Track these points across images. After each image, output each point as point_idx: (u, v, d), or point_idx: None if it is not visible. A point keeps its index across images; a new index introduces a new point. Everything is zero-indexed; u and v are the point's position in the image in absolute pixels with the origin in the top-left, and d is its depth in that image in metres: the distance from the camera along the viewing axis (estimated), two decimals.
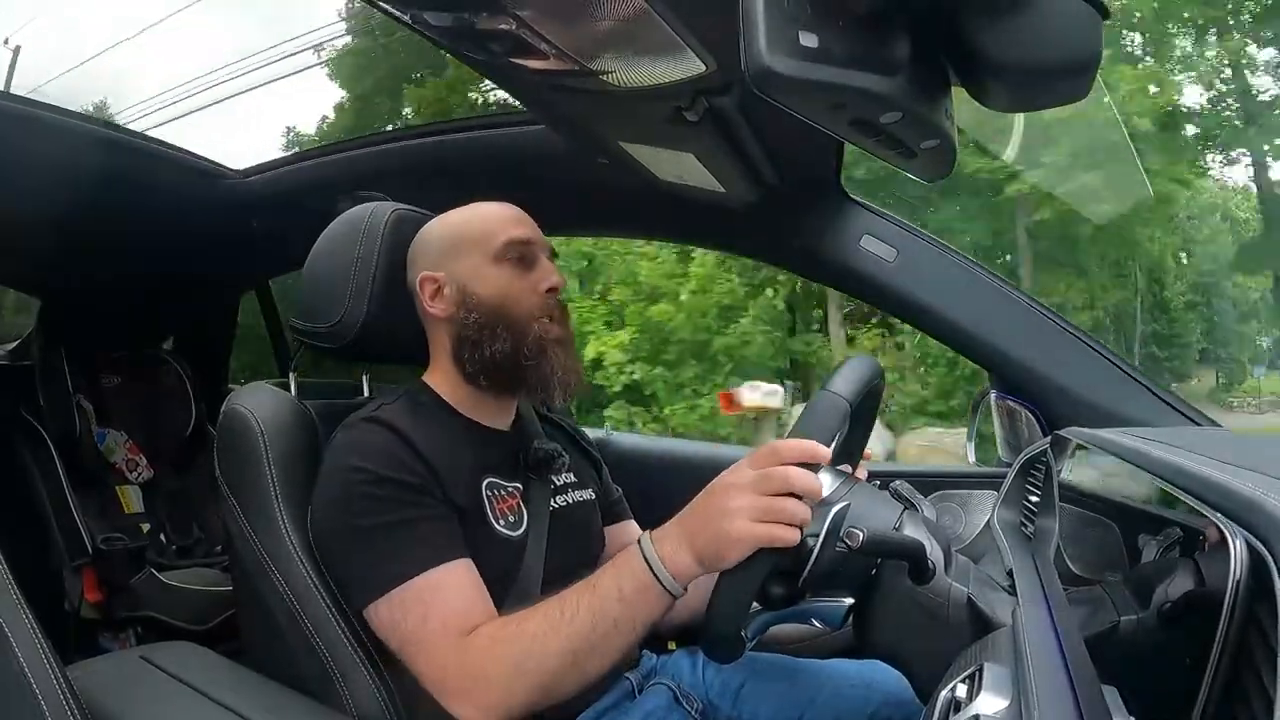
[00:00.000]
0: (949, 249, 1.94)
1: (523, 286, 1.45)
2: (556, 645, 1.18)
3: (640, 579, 1.17)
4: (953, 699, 0.89)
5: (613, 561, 1.23)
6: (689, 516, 1.17)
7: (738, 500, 1.10)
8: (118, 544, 2.78)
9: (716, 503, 1.12)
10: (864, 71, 0.94)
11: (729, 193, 1.81)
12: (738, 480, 1.12)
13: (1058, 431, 1.52)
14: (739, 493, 1.10)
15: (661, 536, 1.19)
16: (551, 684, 1.20)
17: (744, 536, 1.08)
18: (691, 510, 1.17)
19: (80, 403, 2.93)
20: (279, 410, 1.45)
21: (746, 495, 1.10)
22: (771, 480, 1.09)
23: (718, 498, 1.13)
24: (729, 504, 1.10)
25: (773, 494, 1.09)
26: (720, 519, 1.11)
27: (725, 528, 1.10)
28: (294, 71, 14.64)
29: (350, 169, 2.33)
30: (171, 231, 2.67)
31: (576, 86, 1.34)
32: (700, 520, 1.14)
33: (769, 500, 1.08)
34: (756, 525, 1.08)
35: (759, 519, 1.08)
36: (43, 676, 0.95)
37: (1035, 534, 1.40)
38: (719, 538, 1.11)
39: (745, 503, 1.09)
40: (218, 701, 1.18)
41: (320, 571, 1.34)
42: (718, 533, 1.11)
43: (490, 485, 1.43)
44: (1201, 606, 0.78)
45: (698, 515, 1.15)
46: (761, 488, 1.09)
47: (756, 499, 1.09)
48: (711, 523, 1.12)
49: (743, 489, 1.10)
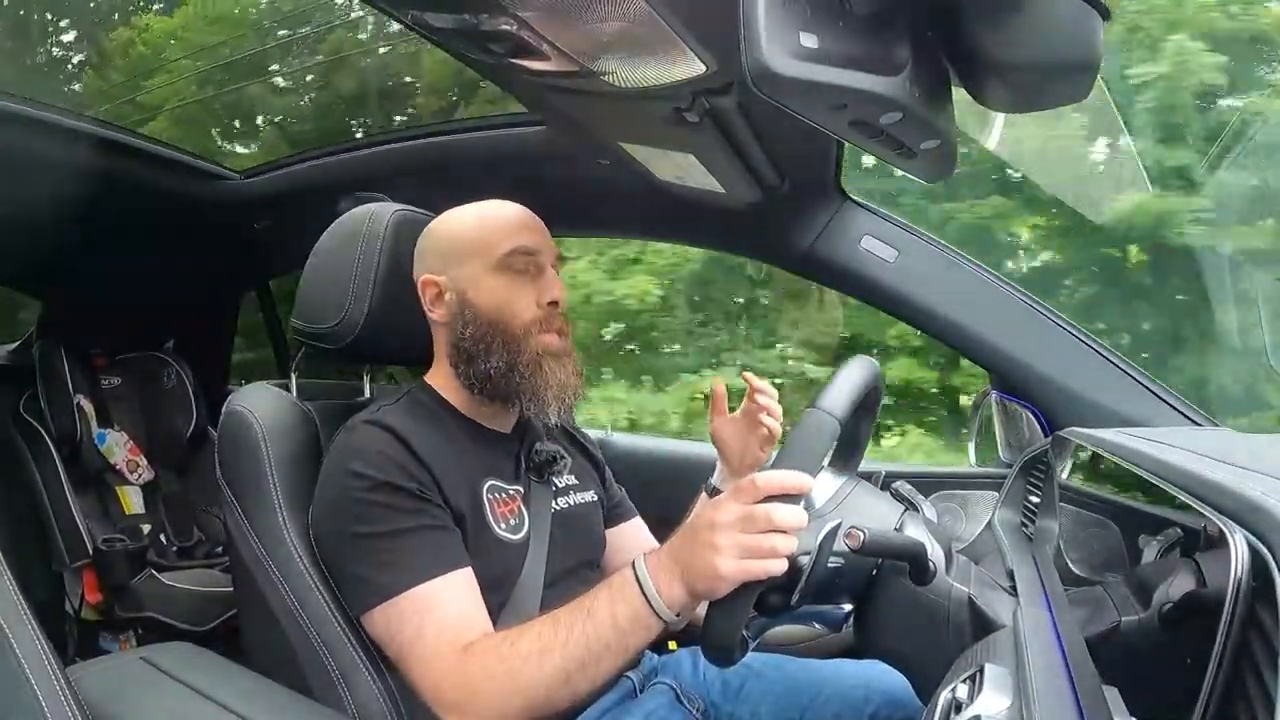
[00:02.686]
0: (949, 249, 1.95)
1: (523, 298, 1.44)
2: (550, 666, 1.19)
3: (635, 608, 1.18)
4: (954, 699, 0.89)
5: (608, 584, 1.23)
6: (680, 547, 1.17)
7: (723, 538, 1.10)
8: (118, 545, 2.78)
9: (704, 538, 1.13)
10: (864, 72, 0.93)
11: (729, 193, 1.81)
12: (722, 517, 1.12)
13: (1058, 432, 1.52)
14: (724, 531, 1.11)
15: (656, 566, 1.19)
16: (543, 702, 1.20)
17: (729, 575, 1.09)
18: (681, 541, 1.18)
19: (81, 404, 2.93)
20: (280, 411, 1.45)
21: (730, 533, 1.10)
22: (755, 519, 1.09)
23: (705, 534, 1.13)
24: (715, 541, 1.11)
25: (756, 532, 1.09)
26: (708, 555, 1.11)
27: (713, 565, 1.10)
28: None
29: (351, 170, 2.33)
30: (172, 232, 2.68)
31: (577, 87, 1.34)
32: (689, 553, 1.15)
33: (753, 538, 1.09)
34: (741, 563, 1.09)
35: (743, 557, 1.09)
36: (43, 677, 0.94)
37: (1036, 534, 1.40)
38: (707, 574, 1.11)
39: (730, 541, 1.10)
40: (218, 702, 1.18)
41: (321, 572, 1.34)
42: (705, 569, 1.11)
43: (491, 488, 1.43)
44: (1202, 607, 0.78)
45: (687, 548, 1.16)
46: (745, 526, 1.10)
47: (740, 537, 1.09)
48: (699, 558, 1.12)
49: (727, 527, 1.11)
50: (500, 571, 1.37)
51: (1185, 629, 0.85)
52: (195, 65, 7.12)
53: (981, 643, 1.06)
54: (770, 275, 4.92)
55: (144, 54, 7.43)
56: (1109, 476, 1.38)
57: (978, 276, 1.92)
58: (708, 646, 1.14)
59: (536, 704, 1.20)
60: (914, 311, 1.95)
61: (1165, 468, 1.01)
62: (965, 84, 1.06)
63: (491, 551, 1.37)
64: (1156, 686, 0.88)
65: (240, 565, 1.41)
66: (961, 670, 0.96)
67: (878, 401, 1.40)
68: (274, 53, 7.28)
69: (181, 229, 2.66)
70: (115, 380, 3.10)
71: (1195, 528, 0.96)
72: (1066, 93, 1.03)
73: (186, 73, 7.12)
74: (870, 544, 1.11)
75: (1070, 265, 4.40)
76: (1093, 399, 1.82)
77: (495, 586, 1.35)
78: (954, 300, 1.91)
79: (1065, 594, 1.14)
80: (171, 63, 7.28)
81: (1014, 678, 0.88)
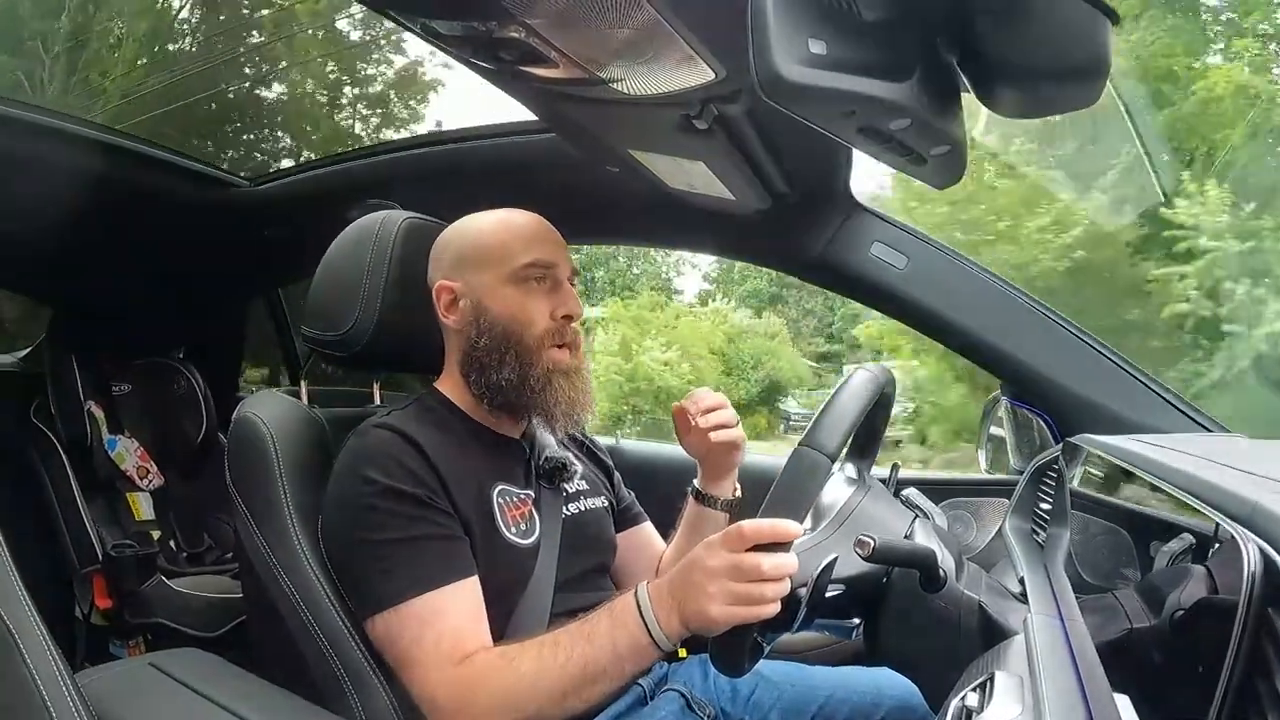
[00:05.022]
0: (960, 256, 1.94)
1: (538, 310, 1.45)
2: (546, 686, 1.20)
3: (636, 638, 1.19)
4: (964, 707, 0.89)
5: (610, 610, 1.23)
6: (677, 583, 1.18)
7: (712, 586, 1.11)
8: (128, 551, 2.78)
9: (695, 580, 1.14)
10: (874, 78, 0.94)
11: (738, 200, 1.80)
12: (711, 564, 1.13)
13: (1069, 439, 1.52)
14: (713, 578, 1.11)
15: (658, 596, 1.20)
16: (538, 719, 1.22)
17: (719, 619, 1.10)
18: (679, 576, 1.18)
19: (91, 410, 2.94)
20: (290, 418, 1.46)
21: (720, 580, 1.11)
22: (742, 569, 1.10)
23: (696, 576, 1.14)
24: (705, 586, 1.12)
25: (746, 581, 1.10)
26: (698, 599, 1.12)
27: (704, 609, 1.11)
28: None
29: (361, 177, 2.33)
30: (183, 240, 2.68)
31: (586, 94, 1.34)
32: (684, 593, 1.16)
33: (742, 587, 1.10)
34: (731, 609, 1.10)
35: (734, 604, 1.10)
36: (52, 683, 0.95)
37: (1047, 542, 1.40)
38: (701, 616, 1.12)
39: (718, 588, 1.11)
40: (227, 709, 1.18)
41: (330, 578, 1.34)
42: (699, 611, 1.12)
43: (502, 492, 1.43)
44: (1214, 614, 0.78)
45: (681, 587, 1.17)
46: (733, 575, 1.10)
47: (729, 585, 1.10)
48: (691, 600, 1.14)
49: (716, 574, 1.11)
50: (511, 576, 1.38)
51: (1197, 636, 0.84)
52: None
53: (992, 650, 1.06)
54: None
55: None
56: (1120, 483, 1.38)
57: (988, 283, 1.91)
58: (716, 663, 1.14)
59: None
60: (924, 318, 1.94)
61: (1176, 474, 1.01)
62: (974, 89, 1.06)
63: (502, 556, 1.37)
64: (1168, 694, 0.87)
65: (250, 571, 1.41)
66: (972, 678, 0.95)
67: (889, 407, 1.40)
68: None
69: (191, 236, 2.66)
70: (126, 387, 3.10)
71: (1207, 534, 0.96)
72: (1076, 97, 1.03)
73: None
74: (880, 552, 1.10)
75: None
76: (1104, 405, 1.81)
77: (506, 591, 1.35)
78: (964, 307, 1.90)
79: (1076, 601, 1.14)
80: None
81: (1025, 685, 0.88)
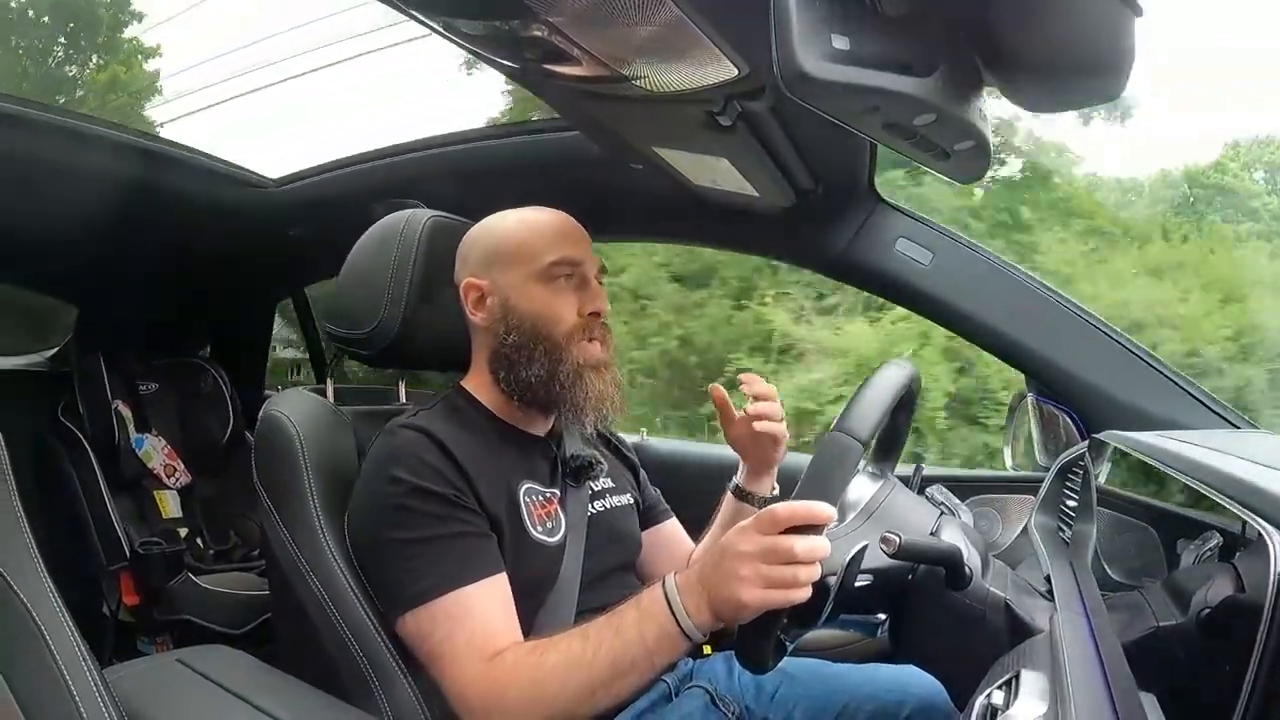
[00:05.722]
0: (985, 251, 1.93)
1: (566, 307, 1.45)
2: (576, 680, 1.20)
3: (665, 628, 1.18)
4: (990, 705, 0.89)
5: (638, 603, 1.23)
6: (707, 572, 1.17)
7: (745, 569, 1.10)
8: (155, 548, 2.81)
9: (727, 566, 1.13)
10: (897, 73, 0.93)
11: (763, 197, 1.80)
12: (744, 548, 1.12)
13: (1095, 435, 1.50)
14: (746, 562, 1.10)
15: (686, 586, 1.19)
16: (567, 715, 1.22)
17: (751, 604, 1.09)
18: (709, 564, 1.17)
19: (118, 409, 2.96)
20: (317, 416, 1.47)
21: (753, 564, 1.10)
22: (776, 552, 1.09)
23: (729, 562, 1.13)
24: (737, 570, 1.11)
25: (779, 563, 1.09)
26: (729, 584, 1.11)
27: (735, 594, 1.10)
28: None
29: (386, 176, 2.34)
30: (208, 240, 2.70)
31: (609, 92, 1.34)
32: (715, 580, 1.15)
33: (775, 570, 1.09)
34: (764, 592, 1.09)
35: (767, 587, 1.09)
36: (81, 679, 0.96)
37: (1073, 539, 1.39)
38: (732, 602, 1.11)
39: (750, 571, 1.10)
40: (254, 705, 1.19)
41: (357, 576, 1.35)
42: (730, 597, 1.11)
43: (528, 491, 1.43)
44: (1241, 612, 0.78)
45: (712, 574, 1.16)
46: (766, 558, 1.09)
47: (762, 568, 1.09)
48: (724, 586, 1.13)
49: (749, 558, 1.10)
50: (537, 574, 1.38)
51: (1224, 634, 0.84)
52: None
53: (1018, 648, 1.05)
54: None
55: None
56: (1146, 480, 1.37)
57: (1013, 278, 1.90)
58: (741, 659, 1.14)
59: (558, 716, 1.21)
60: (949, 314, 1.93)
61: (1203, 470, 1.00)
62: (998, 84, 1.05)
63: (529, 554, 1.38)
64: (1194, 692, 0.87)
65: (276, 569, 1.42)
66: (998, 676, 0.95)
67: (913, 403, 1.40)
68: None
69: (216, 236, 2.68)
70: (152, 386, 3.12)
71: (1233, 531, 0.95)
72: (1099, 91, 1.03)
73: None
74: (906, 549, 1.10)
75: None
76: (1130, 402, 1.80)
77: (532, 589, 1.35)
78: (989, 303, 1.89)
79: (1102, 599, 1.13)
80: None
81: (1050, 684, 0.88)
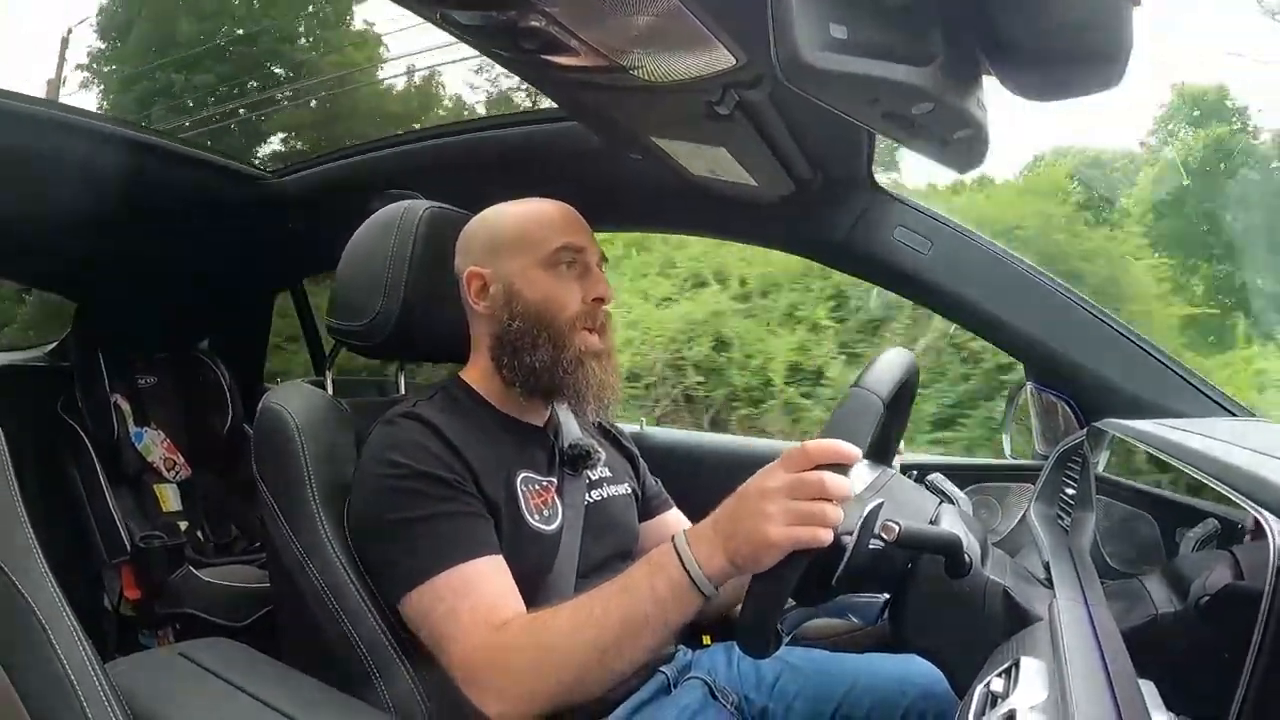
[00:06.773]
0: (983, 239, 1.93)
1: (570, 293, 1.46)
2: (585, 641, 1.19)
3: (675, 579, 1.17)
4: (989, 693, 0.89)
5: (647, 559, 1.22)
6: (723, 518, 1.16)
7: (771, 505, 1.09)
8: (156, 542, 2.81)
9: (750, 506, 1.11)
10: (895, 62, 0.93)
11: (761, 186, 1.80)
12: (771, 484, 1.11)
13: (1094, 423, 1.51)
14: (772, 497, 1.09)
15: (697, 537, 1.18)
16: (577, 680, 1.20)
17: (778, 541, 1.08)
18: (725, 512, 1.16)
19: (118, 403, 2.97)
20: (315, 408, 1.47)
21: (779, 500, 1.09)
22: (805, 485, 1.08)
23: (752, 501, 1.12)
24: (763, 508, 1.09)
25: (806, 498, 1.08)
26: (754, 522, 1.10)
27: (760, 532, 1.09)
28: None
29: (383, 168, 2.34)
30: (206, 233, 2.70)
31: (607, 82, 1.34)
32: (734, 523, 1.13)
33: (802, 505, 1.07)
34: (791, 529, 1.07)
35: (793, 523, 1.07)
36: (83, 673, 0.96)
37: (1072, 527, 1.39)
38: (753, 541, 1.10)
39: (778, 508, 1.08)
40: (256, 697, 1.20)
41: (357, 568, 1.36)
42: (751, 536, 1.10)
43: (525, 479, 1.44)
44: (1240, 599, 0.78)
45: (731, 517, 1.14)
46: (794, 492, 1.08)
47: (790, 504, 1.08)
48: (745, 526, 1.11)
49: (776, 493, 1.09)
50: (534, 562, 1.38)
51: (1223, 622, 0.84)
52: None
53: (1017, 636, 1.05)
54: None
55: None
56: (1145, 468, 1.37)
57: (1012, 266, 1.90)
58: (743, 631, 1.12)
59: (570, 682, 1.20)
60: (948, 302, 1.94)
61: (1202, 459, 1.00)
62: (996, 73, 1.05)
63: (525, 542, 1.38)
64: (1193, 680, 0.87)
65: (277, 561, 1.42)
66: (997, 664, 0.95)
67: (912, 395, 1.40)
68: None
69: (215, 229, 2.68)
70: (152, 379, 3.13)
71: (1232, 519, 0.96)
72: (1098, 81, 1.03)
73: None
74: (906, 537, 1.10)
75: None
76: (1128, 390, 1.80)
77: (529, 577, 1.35)
78: (988, 291, 1.89)
79: (1102, 587, 1.13)
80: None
81: (1050, 671, 0.88)
